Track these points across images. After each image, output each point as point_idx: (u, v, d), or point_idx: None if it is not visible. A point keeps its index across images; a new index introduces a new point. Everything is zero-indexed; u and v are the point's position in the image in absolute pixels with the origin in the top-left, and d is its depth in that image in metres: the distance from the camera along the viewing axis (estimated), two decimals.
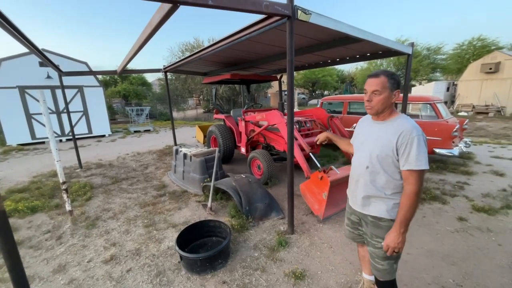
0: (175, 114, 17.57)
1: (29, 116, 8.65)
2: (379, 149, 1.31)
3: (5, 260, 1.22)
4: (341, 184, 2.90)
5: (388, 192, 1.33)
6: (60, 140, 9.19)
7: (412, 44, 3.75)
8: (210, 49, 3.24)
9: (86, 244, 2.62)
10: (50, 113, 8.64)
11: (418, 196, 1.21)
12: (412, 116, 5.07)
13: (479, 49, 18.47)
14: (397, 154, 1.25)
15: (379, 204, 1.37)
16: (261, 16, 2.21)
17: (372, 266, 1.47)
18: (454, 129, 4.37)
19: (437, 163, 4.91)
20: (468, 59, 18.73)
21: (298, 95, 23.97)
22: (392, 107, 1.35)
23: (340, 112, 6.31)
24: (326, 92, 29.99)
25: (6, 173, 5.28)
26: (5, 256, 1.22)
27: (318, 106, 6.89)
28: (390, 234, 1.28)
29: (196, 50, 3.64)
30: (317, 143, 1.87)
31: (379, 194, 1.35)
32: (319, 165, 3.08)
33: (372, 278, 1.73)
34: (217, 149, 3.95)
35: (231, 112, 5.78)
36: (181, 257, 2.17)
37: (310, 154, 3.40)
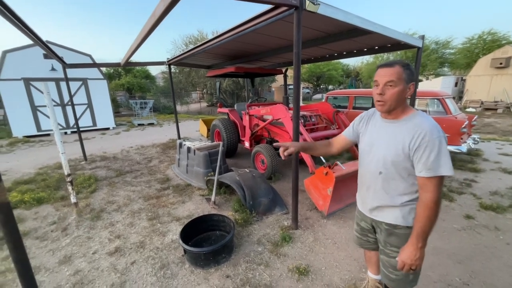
0: (178, 108, 17.56)
1: (34, 108, 8.71)
2: (393, 153, 1.16)
3: (10, 252, 1.22)
4: (346, 180, 2.86)
5: (405, 199, 1.20)
6: (65, 133, 9.27)
7: (422, 37, 3.64)
8: (215, 41, 3.18)
9: (91, 236, 2.65)
10: (54, 105, 8.70)
11: (438, 205, 1.06)
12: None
13: (489, 44, 17.94)
14: (413, 158, 1.10)
15: (393, 210, 1.23)
16: (268, 7, 2.15)
17: (384, 275, 1.36)
18: (463, 125, 4.28)
19: None
20: (477, 54, 18.25)
21: (302, 89, 23.74)
22: (405, 103, 1.19)
23: (345, 107, 6.22)
24: (330, 87, 29.62)
25: (12, 165, 5.34)
26: (11, 248, 1.22)
27: (323, 100, 6.80)
28: (406, 249, 1.13)
29: (200, 43, 3.58)
30: (285, 154, 1.38)
31: (394, 203, 1.22)
32: (324, 161, 3.04)
33: (378, 277, 1.70)
34: (221, 143, 3.92)
35: (235, 106, 5.73)
36: (185, 250, 2.17)
37: None
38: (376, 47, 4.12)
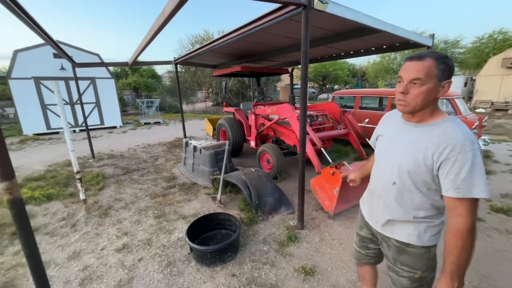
0: (184, 107, 17.67)
1: (44, 107, 8.89)
2: (411, 162, 0.98)
3: (22, 246, 1.25)
4: None
5: (421, 214, 1.03)
6: (74, 131, 9.43)
7: (432, 36, 3.58)
8: (221, 40, 3.19)
9: (99, 233, 2.69)
10: (64, 104, 8.85)
11: (473, 233, 0.88)
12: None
13: (500, 43, 17.52)
14: (438, 172, 0.92)
15: (406, 226, 1.06)
16: (275, 6, 2.14)
17: None
18: (473, 126, 4.20)
19: None
20: (488, 53, 17.86)
21: (308, 88, 23.58)
22: (435, 105, 0.98)
23: (352, 107, 6.17)
24: (336, 87, 29.39)
25: (23, 162, 5.46)
26: (23, 243, 1.25)
27: (330, 100, 6.75)
28: None
29: (206, 42, 3.59)
30: (350, 184, 1.54)
31: (408, 218, 1.05)
32: (330, 161, 3.02)
33: None
34: (227, 142, 3.93)
35: (241, 105, 5.74)
36: (191, 248, 2.19)
37: (322, 149, 3.34)
38: (385, 46, 4.07)
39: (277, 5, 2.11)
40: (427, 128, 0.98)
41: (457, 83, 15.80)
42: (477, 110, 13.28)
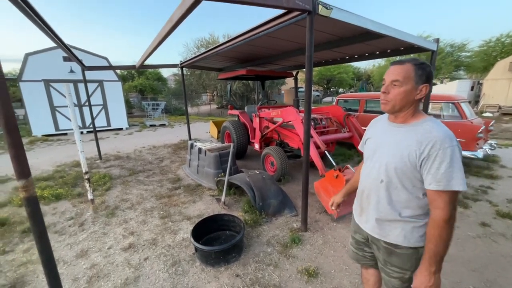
0: (189, 110, 17.84)
1: (53, 109, 9.09)
2: (397, 160, 1.05)
3: (36, 242, 1.31)
4: None
5: (407, 213, 1.09)
6: (81, 132, 9.60)
7: (437, 40, 3.58)
8: (227, 44, 3.25)
9: (106, 232, 2.74)
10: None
11: (450, 224, 0.96)
12: (432, 116, 4.86)
13: (508, 46, 17.31)
14: (421, 169, 1.00)
15: (394, 228, 1.12)
16: (280, 11, 2.19)
17: None
18: (479, 130, 4.16)
19: None
20: (495, 57, 17.64)
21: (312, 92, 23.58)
22: (416, 106, 1.09)
23: (356, 110, 6.17)
24: (340, 90, 29.32)
25: (32, 162, 5.59)
26: (36, 239, 1.31)
27: (334, 103, 6.77)
28: (419, 275, 1.02)
29: (212, 46, 3.66)
30: (333, 208, 1.56)
31: (395, 217, 1.11)
32: (334, 164, 3.04)
33: None
34: (232, 144, 3.98)
35: (246, 108, 5.80)
36: (196, 249, 2.22)
37: (326, 152, 3.36)
38: (389, 51, 4.09)
39: (282, 11, 2.16)
40: (411, 128, 1.07)
41: (463, 87, 15.62)
42: (484, 114, 13.10)
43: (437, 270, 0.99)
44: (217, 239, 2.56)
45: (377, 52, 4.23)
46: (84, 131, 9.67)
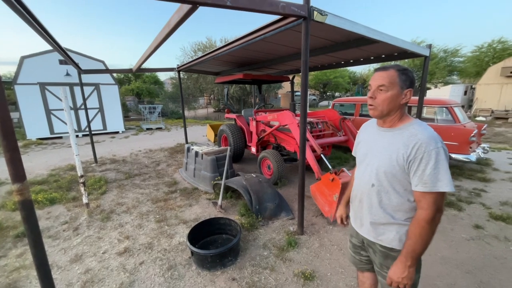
0: (186, 113, 17.83)
1: (48, 112, 9.01)
2: (387, 163, 1.08)
3: (30, 247, 1.29)
4: None
5: (400, 216, 1.10)
6: (77, 136, 9.51)
7: (429, 46, 3.67)
8: (224, 49, 3.28)
9: (101, 236, 2.72)
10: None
11: (431, 224, 0.98)
12: (426, 120, 4.95)
13: (499, 52, 17.73)
14: (409, 170, 1.02)
15: (389, 231, 1.14)
16: (276, 17, 2.23)
17: None
18: (472, 134, 4.24)
19: (453, 168, 4.76)
20: (487, 62, 18.03)
21: (308, 96, 23.76)
22: (402, 110, 1.11)
23: (352, 114, 6.24)
24: (337, 94, 29.58)
25: (26, 166, 5.50)
26: (31, 243, 1.29)
27: (330, 107, 6.84)
28: (394, 266, 1.07)
29: (209, 50, 3.69)
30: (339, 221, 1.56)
31: (388, 220, 1.12)
32: (330, 167, 3.06)
33: None
34: (228, 147, 3.99)
35: (242, 112, 5.82)
36: (192, 252, 2.21)
37: (322, 155, 3.38)
38: (383, 56, 4.16)
39: (278, 17, 2.20)
40: (398, 131, 1.09)
41: (457, 92, 15.92)
42: (478, 119, 13.32)
43: (412, 264, 1.03)
44: (213, 243, 2.55)
45: (372, 57, 4.30)
46: (80, 134, 9.59)
